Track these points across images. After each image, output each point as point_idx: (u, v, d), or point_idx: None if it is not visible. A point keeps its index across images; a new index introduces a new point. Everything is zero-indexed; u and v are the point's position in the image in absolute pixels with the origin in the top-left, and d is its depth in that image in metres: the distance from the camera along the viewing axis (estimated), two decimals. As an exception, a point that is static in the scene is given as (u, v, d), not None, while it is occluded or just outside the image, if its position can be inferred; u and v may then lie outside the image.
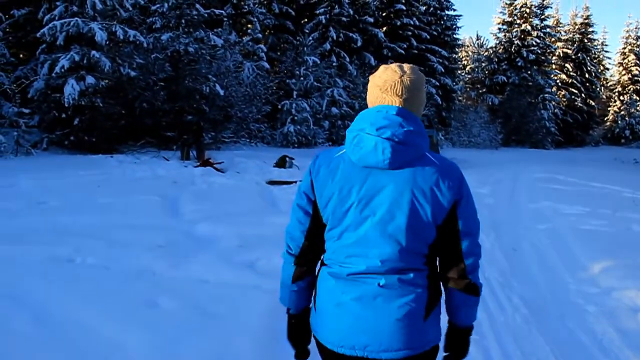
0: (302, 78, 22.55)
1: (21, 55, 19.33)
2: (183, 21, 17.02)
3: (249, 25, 22.41)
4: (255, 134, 20.46)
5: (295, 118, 21.00)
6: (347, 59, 27.39)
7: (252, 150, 17.76)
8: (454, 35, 37.03)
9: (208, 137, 17.96)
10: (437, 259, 1.96)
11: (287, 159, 13.96)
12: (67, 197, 8.38)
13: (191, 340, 3.64)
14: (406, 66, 1.98)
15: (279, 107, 21.74)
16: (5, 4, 17.27)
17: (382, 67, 2.00)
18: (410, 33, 31.37)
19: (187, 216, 7.70)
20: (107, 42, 15.53)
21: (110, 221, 6.89)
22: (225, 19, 21.49)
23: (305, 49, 23.43)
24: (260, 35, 22.70)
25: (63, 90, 14.72)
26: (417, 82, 1.94)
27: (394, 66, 1.98)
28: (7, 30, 19.23)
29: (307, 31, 25.27)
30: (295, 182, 11.33)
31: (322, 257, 2.03)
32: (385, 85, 1.92)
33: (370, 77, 2.03)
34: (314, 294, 2.04)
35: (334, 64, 25.45)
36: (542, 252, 6.94)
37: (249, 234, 6.54)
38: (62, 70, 14.86)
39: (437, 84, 32.67)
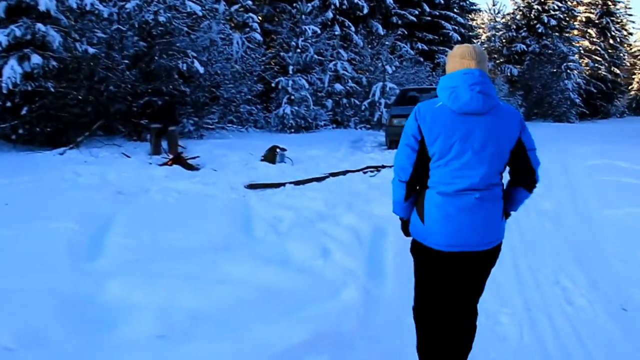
0: (299, 50, 19.56)
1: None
2: (152, -15, 14.13)
3: (236, -10, 19.41)
4: (247, 118, 17.57)
5: (293, 97, 18.00)
6: (353, 29, 24.32)
7: (240, 139, 14.95)
8: (470, 0, 33.82)
9: (190, 123, 15.21)
10: (509, 174, 2.85)
11: (278, 150, 11.16)
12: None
13: None
14: (473, 44, 2.87)
15: (273, 85, 18.79)
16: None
17: (457, 46, 2.81)
18: (422, -3, 28.24)
19: (104, 261, 4.98)
20: (57, 13, 12.75)
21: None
22: (210, -15, 18.57)
23: (303, 17, 20.41)
24: (250, 3, 19.67)
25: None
26: (483, 52, 2.75)
27: (465, 44, 2.87)
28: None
29: (305, -3, 22.20)
30: (284, 184, 8.56)
31: (425, 182, 2.75)
32: (463, 54, 2.68)
33: (449, 54, 2.81)
34: (419, 210, 2.77)
35: (337, 33, 22.40)
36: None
37: (183, 307, 3.83)
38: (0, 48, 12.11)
39: (453, 54, 29.57)
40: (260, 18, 24.70)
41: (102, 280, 4.36)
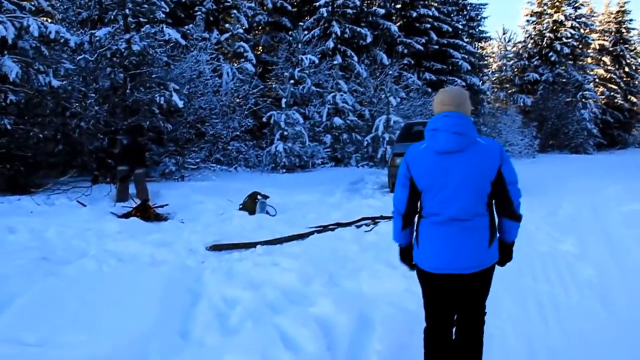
0: (292, 82, 18.04)
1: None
2: (127, 10, 12.75)
3: (228, 19, 18.00)
4: (236, 156, 15.99)
5: (286, 133, 16.42)
6: (355, 58, 22.91)
7: (224, 180, 13.37)
8: (480, 28, 32.44)
9: (171, 162, 13.71)
10: (494, 205, 3.07)
11: (259, 197, 9.58)
12: None
13: None
14: (455, 87, 3.29)
15: (265, 120, 17.20)
16: None
17: (440, 90, 3.20)
18: (429, 26, 26.80)
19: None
20: (24, 43, 11.41)
21: None
22: (199, 14, 17.27)
23: (299, 46, 18.97)
24: (241, 31, 18.27)
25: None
26: (462, 94, 3.13)
27: (444, 89, 3.23)
28: None
29: (302, 25, 20.75)
30: (255, 245, 6.94)
31: (421, 212, 3.13)
32: (443, 100, 3.08)
33: (434, 99, 3.19)
34: (416, 236, 3.15)
35: (336, 62, 20.85)
36: None
37: None
38: (-51, 82, 10.73)
39: (463, 84, 28.01)
40: (260, 48, 23.41)
41: None
